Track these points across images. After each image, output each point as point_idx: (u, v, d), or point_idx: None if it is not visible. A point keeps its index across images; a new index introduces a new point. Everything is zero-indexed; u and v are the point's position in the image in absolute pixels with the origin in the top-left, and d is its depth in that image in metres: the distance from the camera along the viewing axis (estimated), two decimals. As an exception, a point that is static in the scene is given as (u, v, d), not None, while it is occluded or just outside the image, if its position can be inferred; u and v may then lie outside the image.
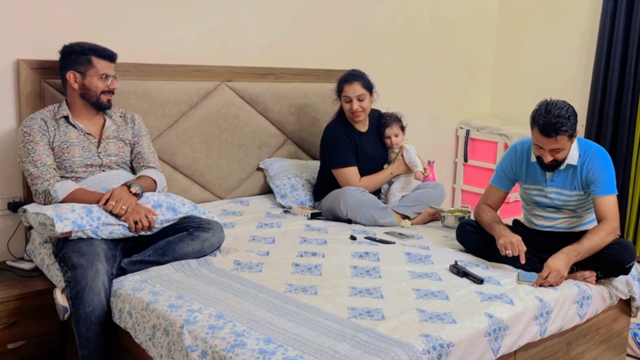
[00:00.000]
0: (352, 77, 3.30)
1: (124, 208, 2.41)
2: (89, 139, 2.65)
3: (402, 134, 3.43)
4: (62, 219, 2.29)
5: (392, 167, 3.41)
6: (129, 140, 2.77)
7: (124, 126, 2.77)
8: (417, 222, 3.34)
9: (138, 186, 2.52)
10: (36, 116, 2.60)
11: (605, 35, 4.38)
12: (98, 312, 2.22)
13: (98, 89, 2.63)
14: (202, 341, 1.88)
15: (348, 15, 4.04)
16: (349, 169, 3.32)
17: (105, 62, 2.65)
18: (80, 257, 2.27)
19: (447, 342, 1.90)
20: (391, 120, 3.42)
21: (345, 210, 3.21)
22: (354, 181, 3.30)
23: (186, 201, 2.65)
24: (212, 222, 2.62)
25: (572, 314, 2.43)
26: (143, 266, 2.41)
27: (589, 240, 2.51)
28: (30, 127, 2.55)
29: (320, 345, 1.81)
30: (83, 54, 2.61)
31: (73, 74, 2.61)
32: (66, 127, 2.62)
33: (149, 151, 2.81)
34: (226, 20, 3.45)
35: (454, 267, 2.51)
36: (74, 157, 2.60)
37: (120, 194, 2.45)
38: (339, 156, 3.32)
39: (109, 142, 2.70)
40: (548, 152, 2.55)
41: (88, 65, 2.61)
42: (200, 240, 2.53)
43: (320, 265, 2.51)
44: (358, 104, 3.28)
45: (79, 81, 2.61)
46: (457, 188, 5.03)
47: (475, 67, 5.03)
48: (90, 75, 2.61)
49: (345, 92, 3.29)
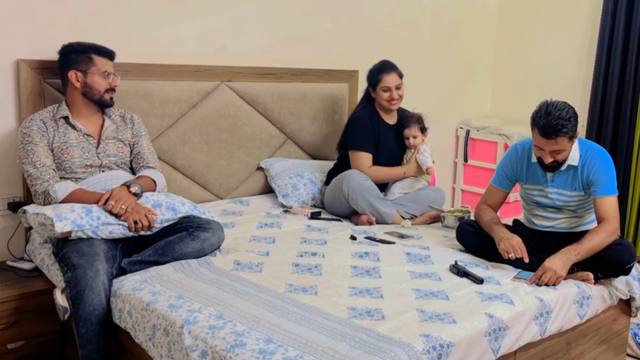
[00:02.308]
0: (390, 67, 3.44)
1: (123, 208, 2.41)
2: (88, 139, 2.65)
3: (421, 135, 3.44)
4: (62, 218, 2.29)
5: (406, 167, 3.44)
6: (129, 140, 2.77)
7: (123, 126, 2.77)
8: (417, 223, 3.35)
9: (137, 186, 2.52)
10: (35, 117, 2.60)
11: (606, 35, 4.38)
12: (98, 312, 2.22)
13: (101, 86, 2.63)
14: (202, 341, 1.88)
15: (348, 15, 4.04)
16: (364, 153, 3.37)
17: (105, 60, 2.65)
18: (80, 257, 2.26)
19: (447, 342, 1.90)
20: (412, 121, 3.43)
21: (347, 191, 3.24)
22: (365, 166, 3.36)
23: (186, 201, 2.65)
24: (212, 221, 2.62)
25: (572, 314, 2.43)
26: (143, 266, 2.41)
27: (589, 241, 2.51)
28: (29, 128, 2.55)
29: (320, 345, 1.81)
30: (83, 52, 2.62)
31: (75, 73, 2.60)
32: (65, 127, 2.62)
33: (149, 151, 2.80)
34: (226, 20, 3.45)
35: (454, 267, 2.51)
36: (74, 157, 2.59)
37: (120, 194, 2.45)
38: (358, 139, 3.39)
39: (108, 143, 2.70)
40: (548, 153, 2.55)
41: (89, 63, 2.61)
42: (200, 240, 2.53)
43: (320, 265, 2.51)
44: (396, 93, 3.40)
45: (81, 80, 2.61)
46: (457, 188, 5.03)
47: (475, 67, 5.03)
48: (92, 73, 2.61)
49: (384, 82, 3.40)
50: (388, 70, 3.41)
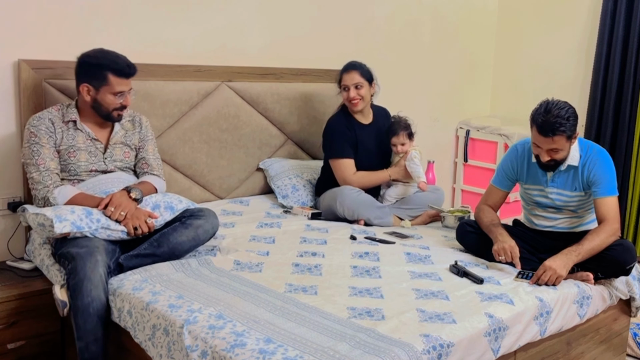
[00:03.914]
0: (350, 67, 3.38)
1: (122, 214, 2.41)
2: (95, 144, 2.61)
3: (409, 142, 3.39)
4: (62, 219, 2.30)
5: (391, 170, 3.40)
6: (135, 145, 2.74)
7: (131, 130, 2.73)
8: (417, 223, 3.34)
9: (138, 191, 2.50)
10: (44, 116, 2.54)
11: (605, 35, 4.38)
12: (96, 304, 2.22)
13: (110, 106, 2.55)
14: (202, 341, 1.88)
15: (348, 15, 4.04)
16: (345, 160, 3.34)
17: (121, 80, 2.53)
18: (80, 249, 2.28)
19: (447, 342, 1.90)
20: (399, 129, 3.37)
21: (342, 210, 3.22)
22: (349, 173, 3.33)
23: (183, 198, 2.65)
24: (205, 209, 2.63)
25: (572, 314, 2.43)
26: (140, 260, 2.41)
27: (590, 241, 2.51)
28: (37, 128, 2.50)
29: (320, 345, 1.81)
30: (99, 69, 2.49)
31: (87, 87, 2.51)
32: (74, 130, 2.57)
33: (153, 157, 2.78)
34: (226, 20, 3.45)
35: (454, 267, 2.51)
36: (80, 161, 2.57)
37: (120, 200, 2.44)
38: (336, 147, 3.36)
39: (115, 148, 2.67)
40: (545, 151, 2.55)
41: (102, 81, 2.50)
42: (194, 228, 2.53)
43: (320, 265, 2.51)
44: (355, 92, 3.33)
45: (92, 95, 2.53)
46: (457, 188, 5.03)
47: (475, 67, 5.03)
48: (103, 92, 2.51)
49: (343, 80, 3.36)
50: (348, 70, 3.36)
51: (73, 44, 2.89)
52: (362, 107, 3.39)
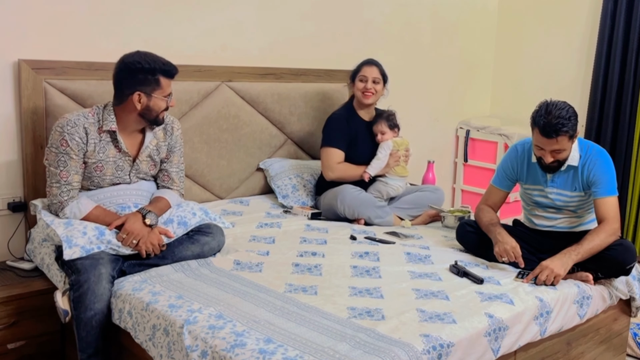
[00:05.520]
0: (372, 62, 3.47)
1: (134, 242, 2.37)
2: (124, 157, 2.52)
3: (390, 132, 3.39)
4: (72, 245, 2.26)
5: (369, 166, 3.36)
6: (162, 158, 2.66)
7: (162, 140, 2.62)
8: (417, 222, 3.35)
9: (153, 216, 2.43)
10: (79, 122, 2.40)
11: (605, 35, 4.37)
12: (99, 317, 2.22)
13: (160, 109, 2.47)
14: (202, 341, 1.88)
15: (348, 15, 4.04)
16: (334, 149, 3.36)
17: (169, 81, 2.47)
18: (84, 260, 2.27)
19: (447, 342, 1.90)
20: (380, 118, 3.42)
21: (343, 209, 3.23)
22: (333, 162, 3.35)
23: (196, 209, 2.62)
24: (213, 225, 2.62)
25: (572, 314, 2.43)
26: (143, 268, 2.41)
27: (590, 241, 2.51)
28: (71, 136, 2.37)
29: (320, 345, 1.81)
30: (152, 74, 2.40)
31: (139, 95, 2.40)
32: (107, 142, 2.47)
33: (177, 170, 2.70)
34: (226, 20, 3.45)
35: (454, 267, 2.51)
36: (105, 175, 2.50)
37: (133, 226, 2.37)
38: (329, 136, 3.40)
39: (142, 162, 2.58)
40: (549, 153, 2.55)
41: (156, 86, 2.42)
42: (200, 244, 2.53)
43: (320, 265, 2.51)
44: (372, 85, 3.40)
45: (144, 102, 2.42)
46: (457, 188, 5.03)
47: (475, 68, 5.03)
48: (155, 97, 2.43)
49: (363, 72, 3.43)
50: (370, 63, 3.45)
51: (73, 44, 2.90)
52: (372, 101, 3.46)
